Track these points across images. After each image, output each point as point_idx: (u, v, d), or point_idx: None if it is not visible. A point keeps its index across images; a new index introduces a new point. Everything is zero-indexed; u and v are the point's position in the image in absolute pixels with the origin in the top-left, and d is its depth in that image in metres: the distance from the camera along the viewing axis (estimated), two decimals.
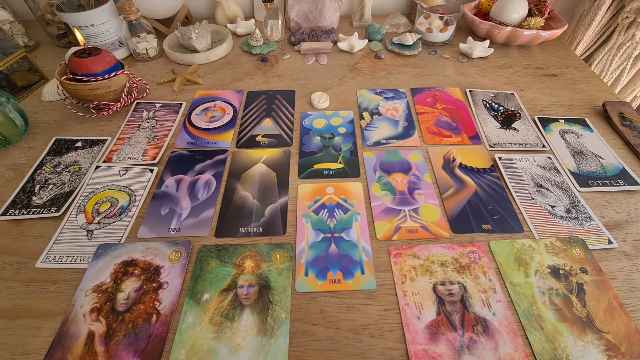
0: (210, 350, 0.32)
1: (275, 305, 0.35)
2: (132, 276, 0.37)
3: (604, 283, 0.37)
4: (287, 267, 0.38)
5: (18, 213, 0.43)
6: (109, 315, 0.34)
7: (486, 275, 0.37)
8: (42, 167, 0.49)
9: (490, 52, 0.71)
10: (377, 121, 0.56)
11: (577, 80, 0.66)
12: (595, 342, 0.33)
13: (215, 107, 0.59)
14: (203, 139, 0.53)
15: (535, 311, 0.35)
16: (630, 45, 0.75)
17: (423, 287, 0.36)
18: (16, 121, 0.50)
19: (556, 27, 0.71)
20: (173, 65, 0.69)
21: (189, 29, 0.68)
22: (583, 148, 0.52)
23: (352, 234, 0.41)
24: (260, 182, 0.47)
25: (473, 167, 0.49)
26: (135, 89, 0.58)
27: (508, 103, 0.60)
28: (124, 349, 0.32)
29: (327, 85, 0.64)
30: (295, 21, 0.78)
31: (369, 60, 0.71)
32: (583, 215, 0.43)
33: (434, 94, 0.62)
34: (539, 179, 0.47)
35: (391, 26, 0.80)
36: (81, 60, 0.52)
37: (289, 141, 0.53)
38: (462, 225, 0.42)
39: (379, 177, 0.47)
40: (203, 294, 0.36)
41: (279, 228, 0.42)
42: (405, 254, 0.39)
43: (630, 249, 0.40)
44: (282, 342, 0.33)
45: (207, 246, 0.40)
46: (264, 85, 0.64)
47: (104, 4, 0.64)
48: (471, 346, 0.32)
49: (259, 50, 0.72)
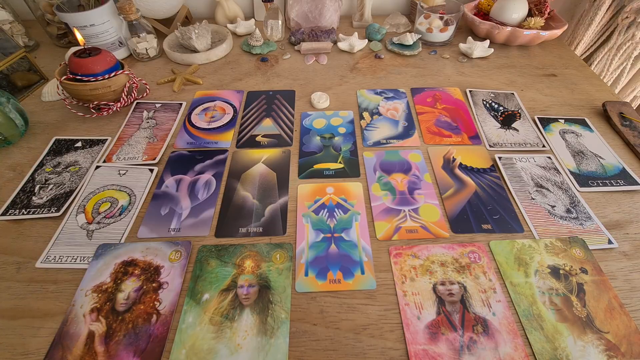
0: (210, 350, 0.32)
1: (275, 305, 0.35)
2: (132, 276, 0.37)
3: (604, 283, 0.37)
4: (287, 267, 0.38)
5: (18, 213, 0.43)
6: (109, 315, 0.34)
7: (486, 275, 0.37)
8: (42, 167, 0.49)
9: (490, 52, 0.71)
10: (377, 121, 0.56)
11: (577, 80, 0.66)
12: (595, 342, 0.33)
13: (215, 107, 0.59)
14: (203, 139, 0.53)
15: (535, 311, 0.35)
16: (630, 45, 0.75)
17: (423, 287, 0.36)
18: (16, 121, 0.50)
19: (556, 27, 0.71)
20: (173, 65, 0.69)
21: (189, 29, 0.68)
22: (583, 148, 0.52)
23: (352, 234, 0.41)
24: (260, 182, 0.47)
25: (473, 167, 0.49)
26: (135, 89, 0.58)
27: (508, 103, 0.60)
28: (124, 349, 0.32)
29: (327, 85, 0.64)
30: (295, 21, 0.78)
31: (369, 60, 0.71)
32: (583, 215, 0.43)
33: (434, 94, 0.62)
34: (539, 179, 0.47)
35: (391, 26, 0.80)
36: (81, 60, 0.52)
37: (289, 141, 0.53)
38: (462, 225, 0.42)
39: (379, 177, 0.47)
40: (203, 294, 0.36)
41: (279, 228, 0.42)
42: (405, 254, 0.39)
43: (630, 249, 0.40)
44: (282, 342, 0.33)
45: (207, 246, 0.40)
46: (264, 85, 0.64)
47: (104, 4, 0.64)
48: (471, 346, 0.32)
49: (259, 50, 0.72)
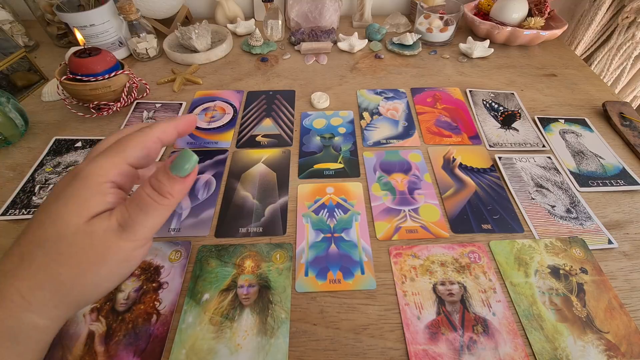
0: (210, 350, 0.32)
1: (275, 305, 0.35)
2: (132, 276, 0.37)
3: (604, 283, 0.37)
4: (287, 267, 0.38)
5: (18, 213, 0.43)
6: (108, 315, 0.34)
7: (486, 275, 0.37)
8: (42, 167, 0.49)
9: (490, 52, 0.71)
10: (377, 121, 0.56)
11: (577, 80, 0.66)
12: (595, 342, 0.33)
13: (215, 107, 0.59)
14: (203, 139, 0.53)
15: (535, 311, 0.35)
16: (630, 45, 0.75)
17: (423, 287, 0.36)
18: (16, 121, 0.50)
19: (556, 27, 0.71)
20: (173, 65, 0.69)
21: (189, 29, 0.68)
22: (583, 148, 0.52)
23: (352, 234, 0.41)
24: (260, 182, 0.47)
25: (473, 167, 0.49)
26: (135, 89, 0.58)
27: (508, 103, 0.60)
28: (124, 349, 0.32)
29: (327, 85, 0.64)
30: (295, 21, 0.78)
31: (369, 60, 0.71)
32: (583, 215, 0.43)
33: (434, 94, 0.62)
34: (539, 179, 0.47)
35: (391, 26, 0.80)
36: (81, 60, 0.52)
37: (289, 141, 0.53)
38: (462, 225, 0.42)
39: (379, 177, 0.47)
40: (203, 294, 0.36)
41: (279, 228, 0.42)
42: (405, 254, 0.39)
43: (630, 249, 0.40)
44: (282, 342, 0.33)
45: (207, 246, 0.40)
46: (264, 85, 0.64)
47: (104, 4, 0.64)
48: (471, 346, 0.32)
49: (259, 50, 0.72)
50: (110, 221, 0.21)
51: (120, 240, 0.21)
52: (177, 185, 0.22)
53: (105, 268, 0.21)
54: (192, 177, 0.23)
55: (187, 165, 0.22)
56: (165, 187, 0.22)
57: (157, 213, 0.22)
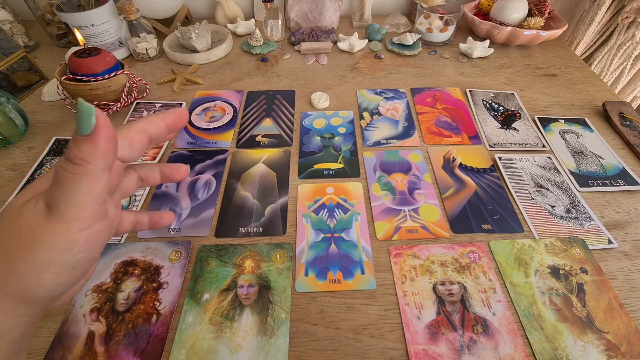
0: (210, 350, 0.32)
1: (275, 305, 0.35)
2: (132, 276, 0.37)
3: (604, 283, 0.37)
4: (287, 267, 0.38)
5: None
6: (109, 315, 0.34)
7: (486, 275, 0.37)
8: (42, 167, 0.49)
9: (490, 52, 0.71)
10: (377, 121, 0.56)
11: (577, 80, 0.66)
12: (595, 342, 0.33)
13: (215, 107, 0.59)
14: (203, 139, 0.53)
15: (535, 311, 0.35)
16: (630, 45, 0.75)
17: (423, 287, 0.36)
18: (16, 121, 0.50)
19: (556, 27, 0.71)
20: (173, 65, 0.69)
21: (189, 29, 0.68)
22: (583, 148, 0.52)
23: (352, 234, 0.41)
24: (260, 182, 0.47)
25: (473, 167, 0.49)
26: (135, 89, 0.58)
27: (508, 103, 0.60)
28: (124, 349, 0.32)
29: (327, 85, 0.64)
30: (295, 21, 0.78)
31: (369, 60, 0.71)
32: (583, 215, 0.43)
33: (434, 94, 0.62)
34: (539, 179, 0.47)
35: (391, 26, 0.80)
36: (81, 60, 0.52)
37: (289, 141, 0.53)
38: (462, 225, 0.42)
39: (379, 177, 0.47)
40: (203, 294, 0.36)
41: (279, 228, 0.42)
42: (405, 254, 0.39)
43: (630, 249, 0.40)
44: (282, 342, 0.33)
45: (207, 246, 0.40)
46: (264, 85, 0.64)
47: (104, 4, 0.64)
48: (471, 346, 0.32)
49: (259, 50, 0.72)
50: (38, 203, 0.19)
51: (48, 223, 0.18)
52: (85, 146, 0.18)
53: (38, 254, 0.18)
54: (103, 133, 0.18)
55: (84, 118, 0.18)
56: (72, 151, 0.18)
57: (75, 185, 0.18)
